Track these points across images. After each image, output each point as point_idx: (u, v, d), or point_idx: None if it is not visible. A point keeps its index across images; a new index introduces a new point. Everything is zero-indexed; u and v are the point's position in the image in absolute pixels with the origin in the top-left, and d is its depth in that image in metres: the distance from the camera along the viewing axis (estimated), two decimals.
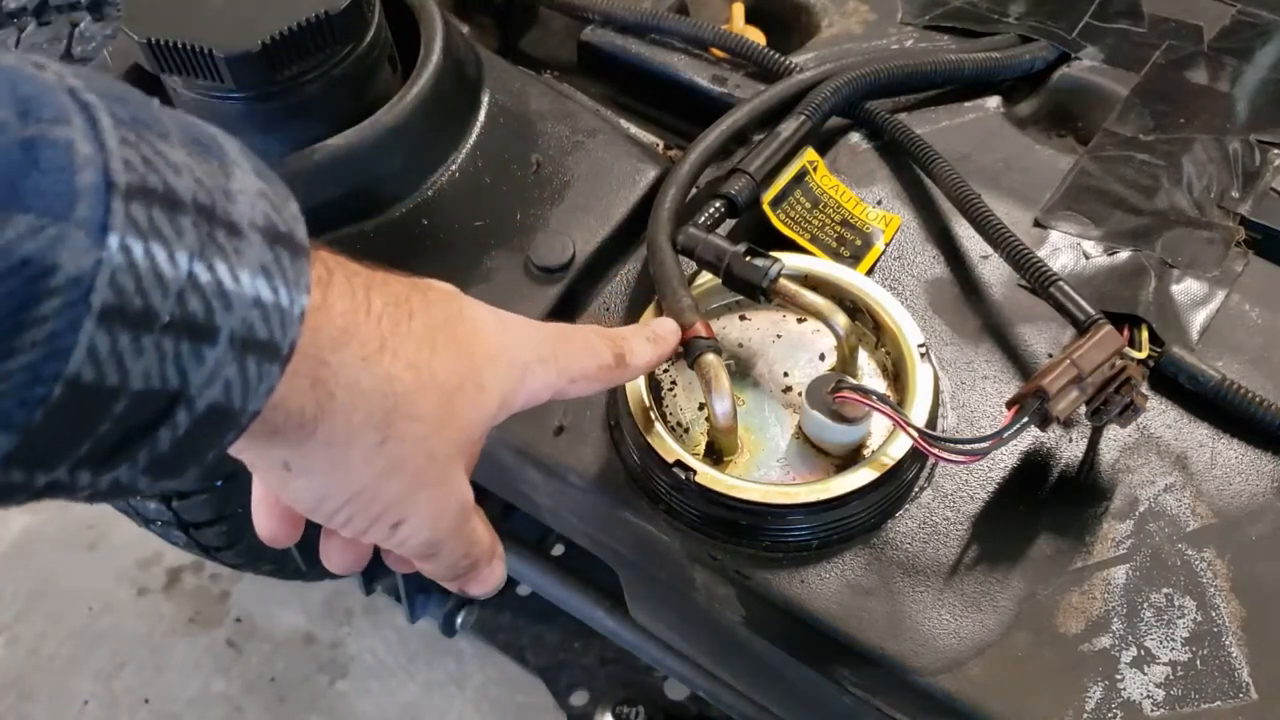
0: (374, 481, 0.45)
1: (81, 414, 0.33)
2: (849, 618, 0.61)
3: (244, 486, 1.22)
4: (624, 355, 0.58)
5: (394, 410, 0.44)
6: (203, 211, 0.35)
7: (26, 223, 0.30)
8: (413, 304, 0.46)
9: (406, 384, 0.44)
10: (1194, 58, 0.87)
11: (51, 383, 0.32)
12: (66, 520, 1.76)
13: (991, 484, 0.65)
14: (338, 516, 0.47)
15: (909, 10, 0.94)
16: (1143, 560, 0.62)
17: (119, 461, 0.36)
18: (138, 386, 0.34)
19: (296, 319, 0.38)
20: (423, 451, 0.46)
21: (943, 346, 0.71)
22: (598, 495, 0.67)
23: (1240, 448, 0.66)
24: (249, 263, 0.36)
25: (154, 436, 0.36)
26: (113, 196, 0.32)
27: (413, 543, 0.49)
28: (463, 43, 0.80)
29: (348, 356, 0.42)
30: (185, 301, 0.34)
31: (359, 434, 0.43)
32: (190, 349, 0.35)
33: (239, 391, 0.37)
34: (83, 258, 0.31)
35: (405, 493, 0.47)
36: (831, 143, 0.82)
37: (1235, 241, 0.74)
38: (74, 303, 0.31)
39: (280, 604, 1.66)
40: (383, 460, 0.45)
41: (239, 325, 0.36)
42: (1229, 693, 0.58)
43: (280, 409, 0.40)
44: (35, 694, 1.59)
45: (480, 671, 1.57)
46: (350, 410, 0.42)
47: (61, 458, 0.34)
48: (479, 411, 0.49)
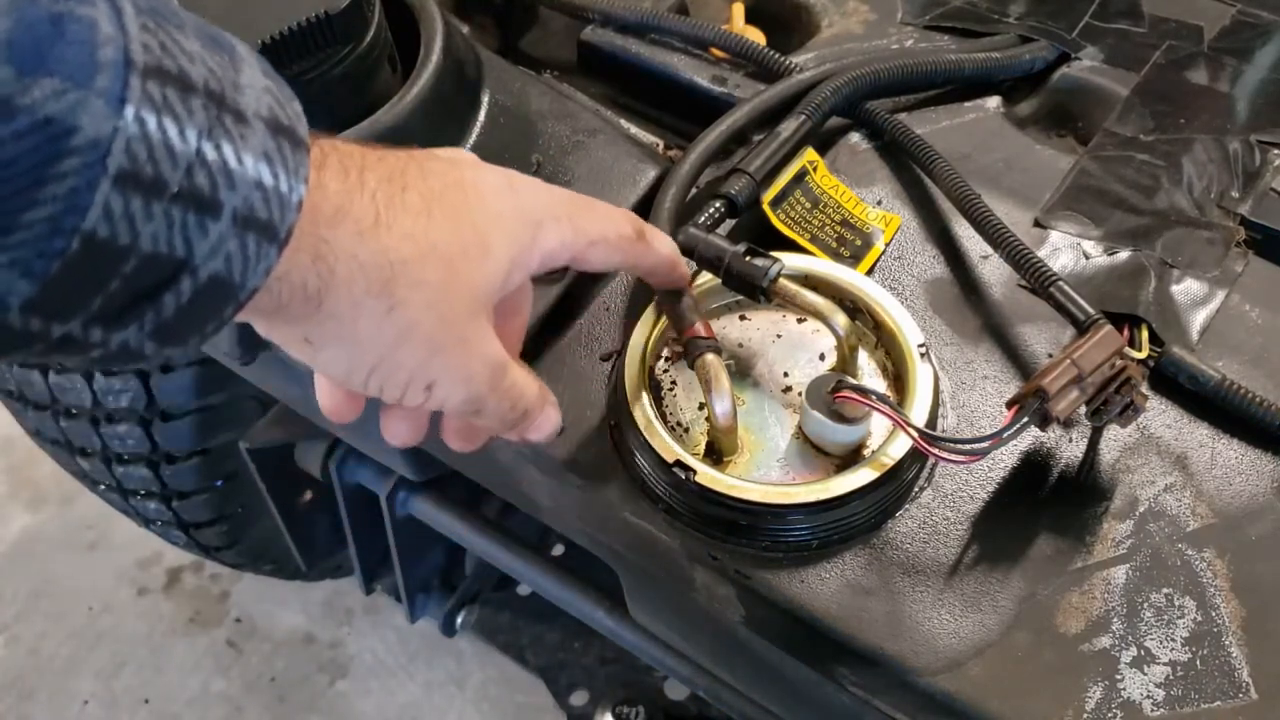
0: (390, 349, 0.48)
1: (95, 269, 0.36)
2: (849, 618, 0.61)
3: (244, 486, 1.23)
4: (644, 231, 0.60)
5: (394, 279, 0.46)
6: (212, 97, 0.38)
7: (52, 85, 0.34)
8: (408, 177, 0.48)
9: (404, 254, 0.46)
10: (1194, 58, 0.87)
11: (70, 235, 0.35)
12: (66, 520, 1.76)
13: (991, 484, 0.65)
14: (370, 385, 0.50)
15: (909, 10, 0.94)
16: (1143, 560, 0.62)
17: (128, 321, 0.39)
18: (147, 249, 0.37)
19: (294, 206, 0.41)
20: (432, 317, 0.48)
21: (943, 346, 0.71)
22: (598, 495, 0.67)
23: (1240, 448, 0.66)
24: (253, 148, 0.39)
25: (160, 301, 0.39)
26: (130, 72, 0.35)
27: (453, 402, 0.52)
28: (463, 43, 0.80)
29: (343, 233, 0.44)
30: (193, 175, 0.37)
31: (363, 304, 0.46)
32: (196, 220, 0.38)
33: (239, 267, 0.40)
34: (101, 123, 0.35)
35: (425, 357, 0.49)
36: (831, 143, 0.82)
37: (1235, 241, 0.74)
38: (92, 164, 0.35)
39: (280, 604, 1.66)
40: (392, 328, 0.47)
41: (241, 204, 0.39)
42: (1229, 693, 0.58)
43: (285, 283, 0.43)
44: (35, 694, 1.59)
45: (480, 671, 1.57)
46: (351, 282, 0.45)
47: (75, 311, 0.37)
48: (485, 273, 0.51)
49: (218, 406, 1.13)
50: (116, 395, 1.08)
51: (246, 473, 1.16)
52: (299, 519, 1.26)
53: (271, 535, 1.30)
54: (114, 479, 1.18)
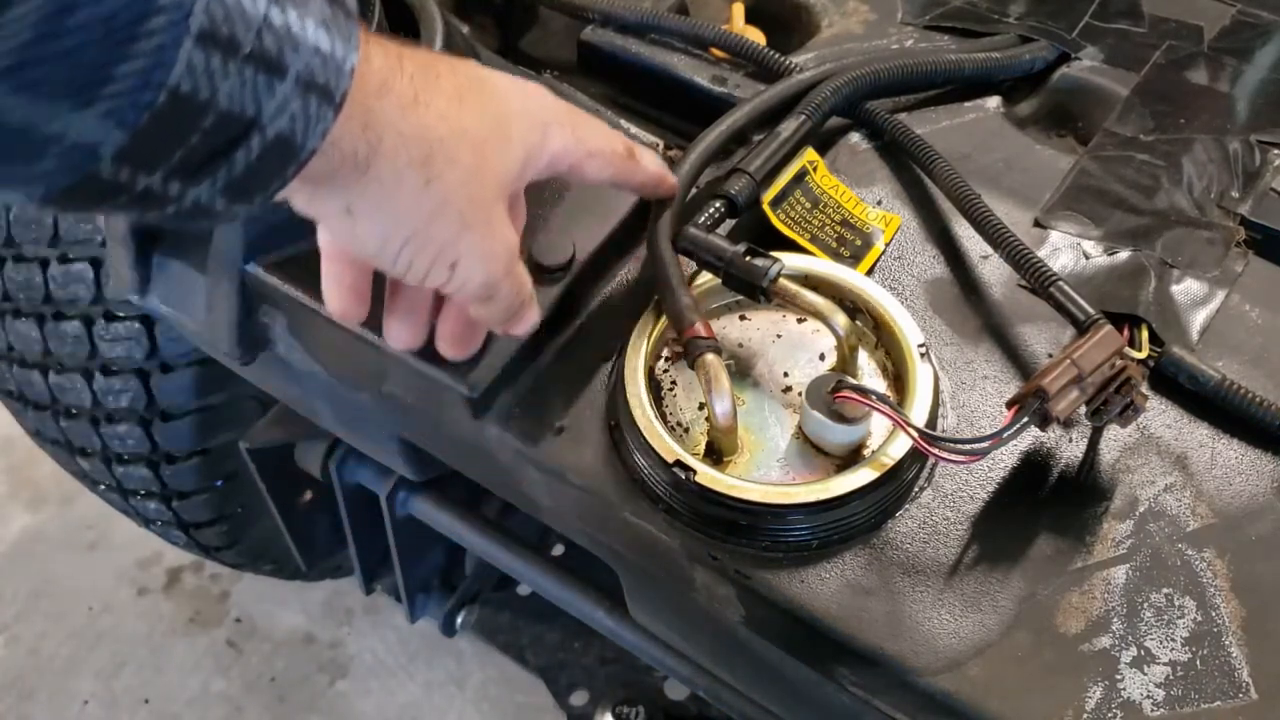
0: (425, 222, 0.52)
1: (179, 123, 0.41)
2: (849, 618, 0.61)
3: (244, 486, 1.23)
4: (633, 149, 0.64)
5: (432, 154, 0.50)
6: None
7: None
8: (439, 68, 0.52)
9: (440, 132, 0.50)
10: (1194, 58, 0.87)
11: (158, 89, 0.39)
12: (66, 520, 1.76)
13: (991, 484, 0.65)
14: (400, 259, 0.53)
15: (909, 10, 0.94)
16: (1143, 560, 0.62)
17: (203, 177, 0.43)
18: (223, 105, 0.41)
19: (348, 72, 0.45)
20: (464, 195, 0.52)
21: (943, 346, 0.71)
22: (598, 495, 0.67)
23: (1240, 448, 0.66)
24: (313, 15, 0.43)
25: (232, 157, 0.43)
26: None
27: (471, 284, 0.56)
28: (463, 43, 0.80)
29: (388, 105, 0.48)
30: (262, 37, 0.41)
31: (405, 174, 0.49)
32: (264, 80, 0.42)
33: (301, 127, 0.44)
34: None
35: (455, 233, 0.53)
36: (831, 143, 0.82)
37: (1235, 241, 0.74)
38: (177, 22, 0.39)
39: (280, 604, 1.66)
40: (429, 200, 0.51)
41: (303, 68, 0.43)
42: (1229, 693, 0.58)
43: (337, 149, 0.47)
44: (35, 694, 1.59)
45: (480, 671, 1.57)
46: (396, 152, 0.49)
47: (159, 162, 0.41)
48: (507, 161, 0.55)
49: (218, 406, 1.13)
50: (116, 395, 1.08)
51: (246, 473, 1.16)
52: (299, 519, 1.26)
53: (271, 535, 1.30)
54: (114, 479, 1.18)
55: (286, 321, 0.76)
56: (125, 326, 1.05)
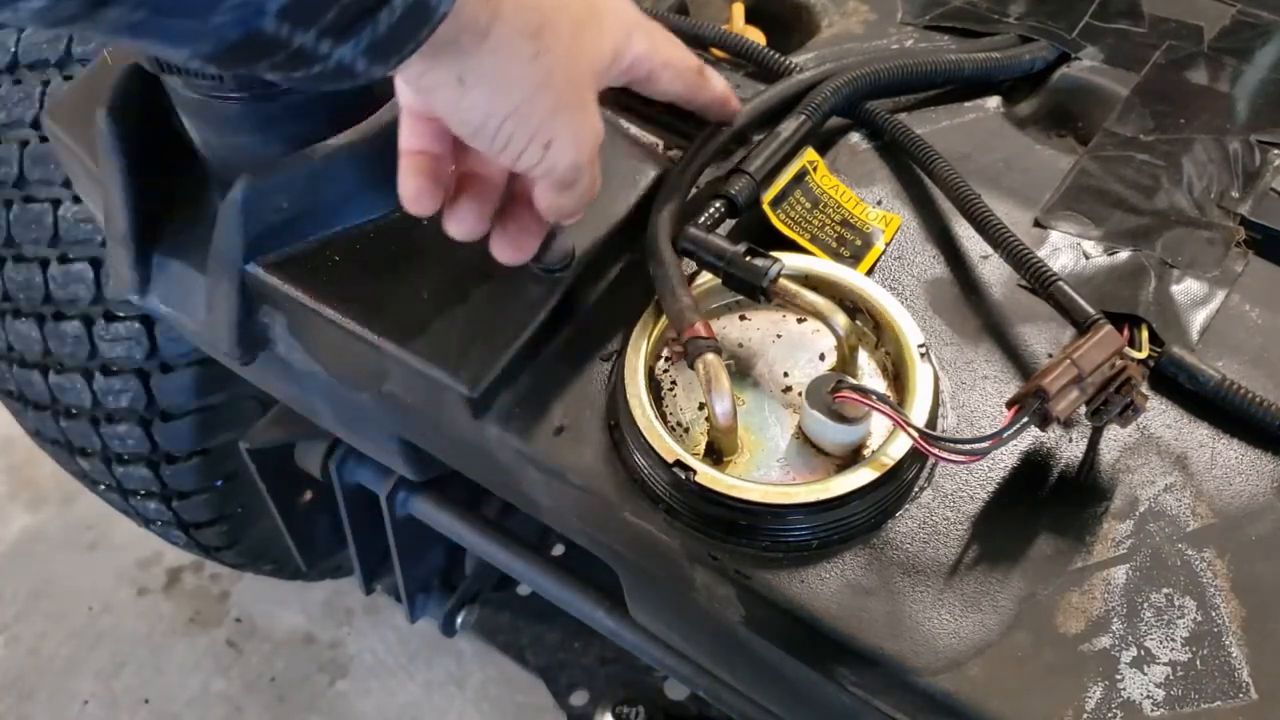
0: (530, 95, 0.54)
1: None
2: (849, 618, 0.61)
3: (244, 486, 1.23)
4: (704, 68, 0.68)
5: (543, 26, 0.53)
6: None
7: None
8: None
9: (547, 6, 0.53)
10: (1194, 58, 0.88)
11: None
12: (66, 520, 1.76)
13: (991, 484, 0.65)
14: (501, 133, 0.55)
15: (909, 10, 0.94)
16: (1143, 560, 0.62)
17: (350, 36, 0.46)
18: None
19: None
20: (564, 73, 0.55)
21: (943, 346, 0.71)
22: (598, 495, 0.67)
23: (1240, 448, 0.66)
24: None
25: (376, 17, 0.46)
26: None
27: (561, 166, 0.58)
28: None
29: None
30: None
31: (519, 44, 0.52)
32: None
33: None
34: None
35: (553, 110, 0.55)
36: (831, 143, 0.82)
37: (1235, 241, 0.74)
38: None
39: (280, 604, 1.66)
40: (536, 73, 0.53)
41: None
42: (1229, 693, 0.58)
43: (463, 14, 0.49)
44: (35, 694, 1.59)
45: (480, 671, 1.57)
46: (513, 20, 0.52)
47: (315, 20, 0.44)
48: (599, 48, 0.58)
49: (218, 406, 1.13)
50: (116, 395, 1.08)
51: (246, 473, 1.16)
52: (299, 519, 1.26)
53: (271, 535, 1.30)
54: (114, 479, 1.18)
55: (286, 321, 0.76)
56: (125, 326, 1.05)
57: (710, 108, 0.71)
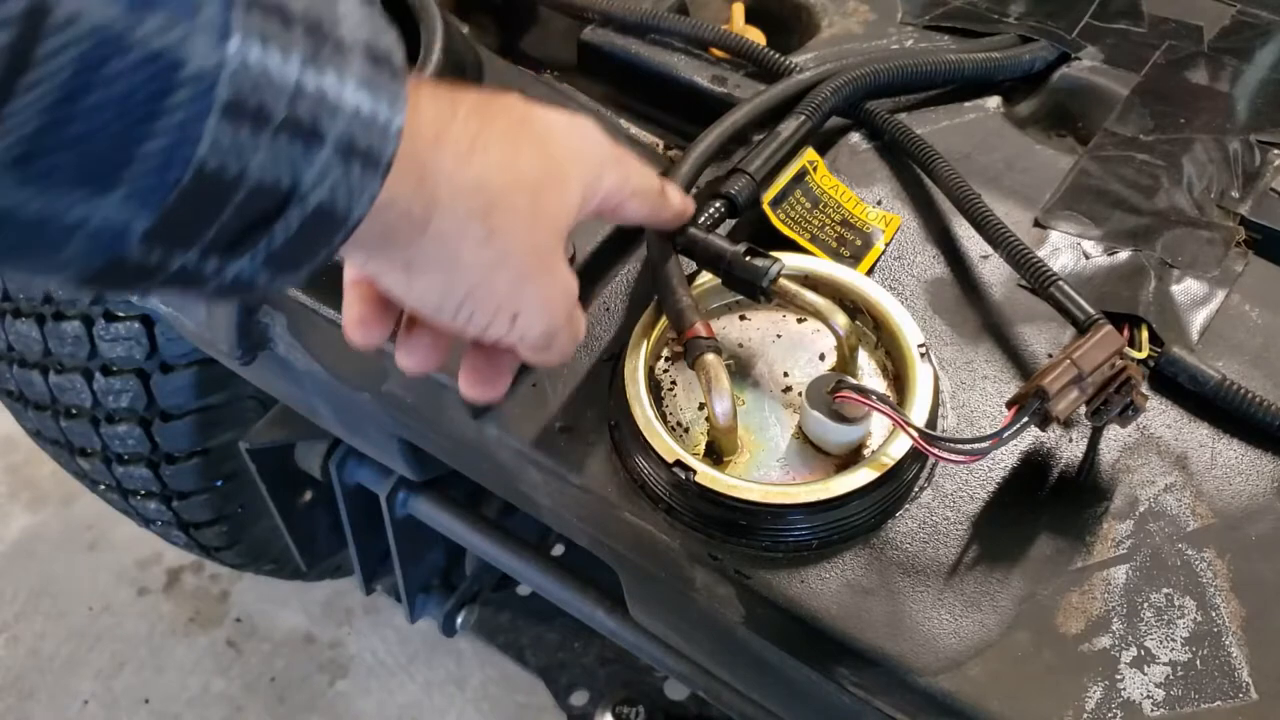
0: (487, 275, 0.50)
1: (208, 199, 0.38)
2: (849, 618, 0.61)
3: (244, 486, 1.23)
4: (665, 186, 0.63)
5: (492, 204, 0.48)
6: (312, 26, 0.39)
7: (159, 20, 0.35)
8: (493, 109, 0.50)
9: (498, 181, 0.48)
10: (1194, 58, 0.88)
11: (183, 167, 0.36)
12: (66, 520, 1.76)
13: (991, 484, 0.65)
14: (461, 313, 0.51)
15: (909, 10, 0.94)
16: (1143, 560, 0.62)
17: (241, 251, 0.40)
18: (254, 179, 0.38)
19: (394, 134, 0.42)
20: (524, 245, 0.50)
21: (943, 346, 0.71)
22: (598, 495, 0.67)
23: (1240, 448, 0.66)
24: (352, 76, 0.40)
25: (271, 230, 0.40)
26: (233, 5, 0.36)
27: (533, 334, 0.54)
28: (463, 43, 0.80)
29: (444, 157, 0.46)
30: (296, 105, 0.38)
31: (466, 228, 0.48)
32: (301, 149, 0.39)
33: (344, 195, 0.41)
34: (208, 55, 0.36)
35: (516, 284, 0.51)
36: (831, 143, 0.82)
37: (1235, 241, 0.74)
38: (200, 95, 0.36)
39: (280, 604, 1.66)
40: (490, 253, 0.49)
41: (343, 133, 0.40)
42: (1229, 693, 0.58)
43: (393, 209, 0.44)
44: (35, 694, 1.59)
45: (480, 671, 1.57)
46: (454, 205, 0.47)
47: (191, 241, 0.39)
48: (564, 204, 0.53)
49: (218, 406, 1.13)
50: (116, 395, 1.09)
51: (246, 473, 1.16)
52: (299, 519, 1.26)
53: (271, 535, 1.30)
54: (114, 479, 1.18)
55: (286, 321, 0.76)
56: (125, 326, 1.05)
57: (669, 224, 0.67)
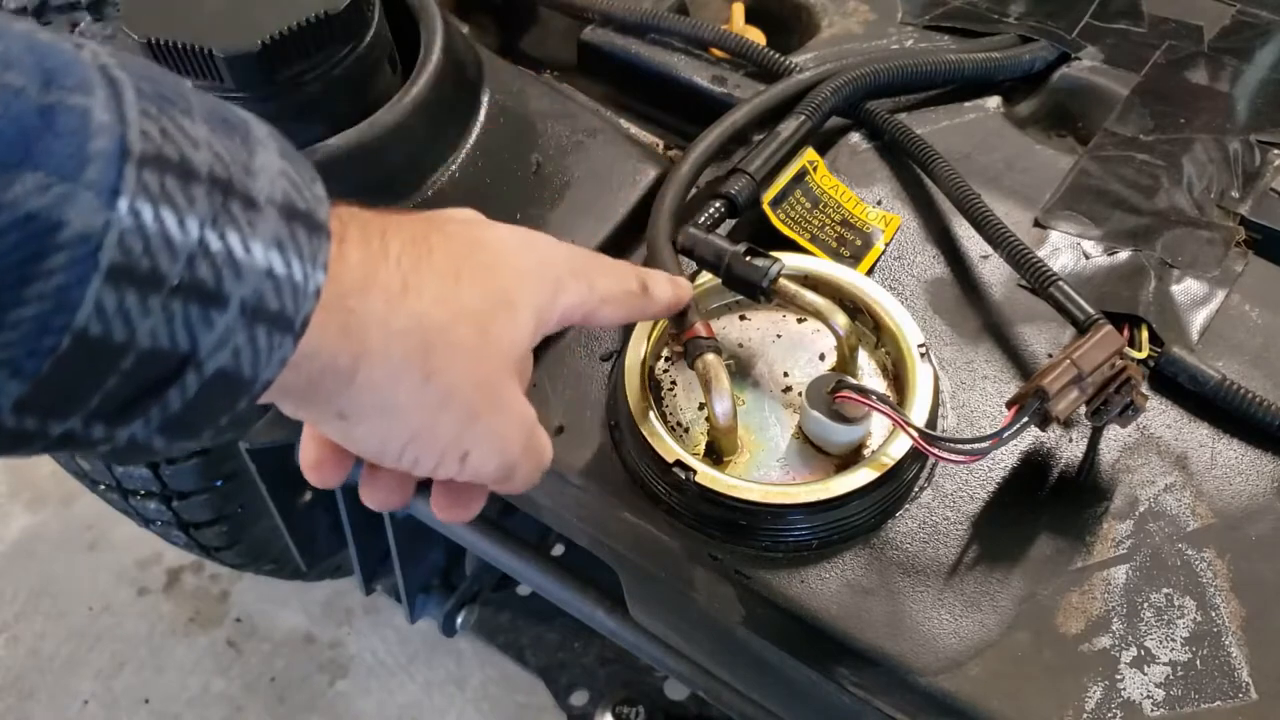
0: (429, 419, 0.46)
1: (89, 367, 0.35)
2: (849, 618, 0.61)
3: (244, 486, 1.23)
4: (647, 285, 0.59)
5: (430, 345, 0.45)
6: (218, 184, 0.36)
7: (35, 180, 0.32)
8: (431, 241, 0.47)
9: (437, 318, 0.45)
10: (1194, 58, 0.88)
11: (60, 334, 0.33)
12: (66, 520, 1.76)
13: (991, 484, 0.65)
14: (405, 458, 0.48)
15: (909, 10, 0.94)
16: (1143, 560, 0.62)
17: (132, 417, 0.37)
18: (145, 345, 0.35)
19: (311, 294, 0.39)
20: (469, 381, 0.47)
21: (943, 346, 0.71)
22: (598, 495, 0.67)
23: (1240, 448, 0.66)
24: (263, 235, 0.37)
25: (164, 395, 0.37)
26: (126, 163, 0.34)
27: (486, 471, 0.50)
28: (463, 43, 0.80)
29: (372, 302, 0.43)
30: (195, 267, 0.35)
31: (401, 372, 0.44)
32: (199, 313, 0.36)
33: (249, 359, 0.38)
34: (92, 217, 0.33)
35: (463, 424, 0.48)
36: (831, 143, 0.82)
37: (1235, 241, 0.74)
38: (81, 259, 0.33)
39: (280, 604, 1.66)
40: (432, 396, 0.46)
41: (250, 295, 0.37)
42: (1229, 693, 0.58)
43: (315, 360, 0.41)
44: (35, 694, 1.59)
45: (480, 671, 1.57)
46: (387, 351, 0.43)
47: (72, 409, 0.36)
48: (515, 331, 0.49)
49: None
50: None
51: (246, 473, 1.15)
52: (299, 519, 1.26)
53: (271, 535, 1.30)
54: (114, 479, 1.18)
55: None
56: None
57: (662, 316, 0.64)
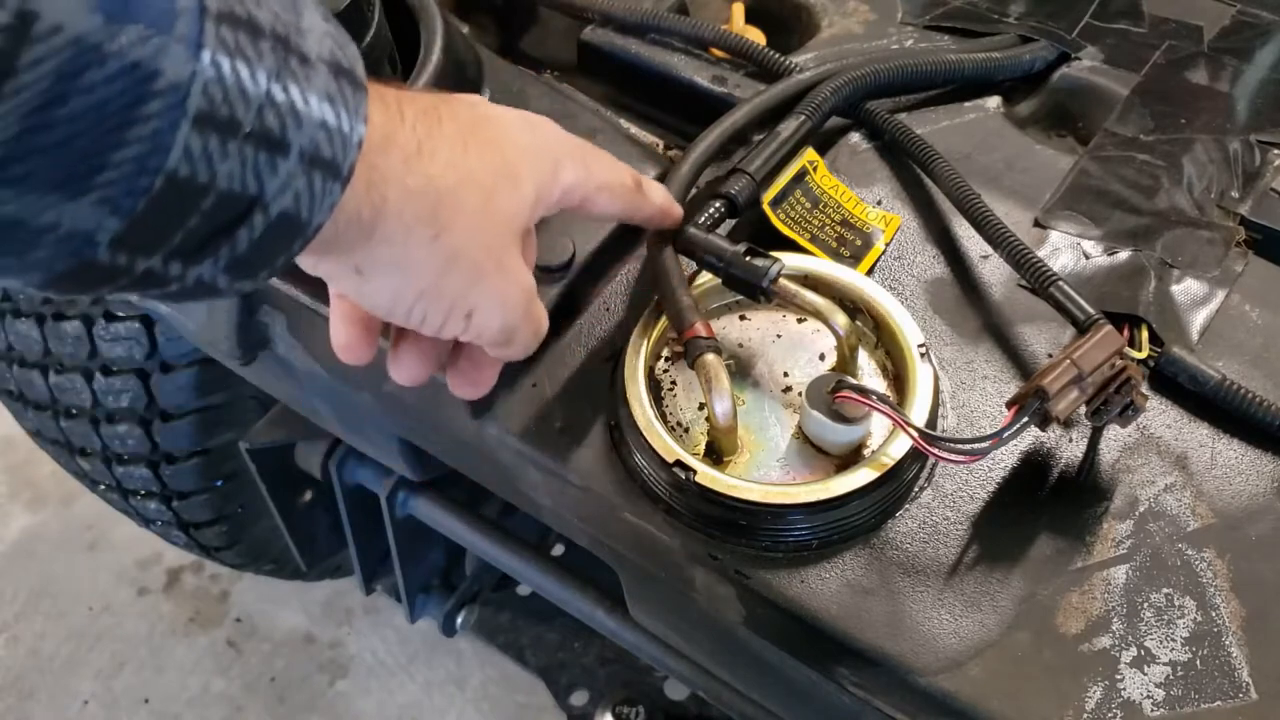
0: (437, 275, 0.50)
1: (177, 206, 0.39)
2: (849, 618, 0.61)
3: (244, 486, 1.23)
4: (641, 183, 0.63)
5: (439, 205, 0.48)
6: (279, 40, 0.40)
7: (137, 32, 0.35)
8: (440, 112, 0.50)
9: (447, 181, 0.49)
10: (1194, 58, 0.88)
11: (154, 175, 0.37)
12: (66, 520, 1.76)
13: (991, 484, 0.65)
14: (414, 314, 0.51)
15: (909, 10, 0.94)
16: (1143, 560, 0.62)
17: (205, 256, 0.41)
18: (223, 186, 0.39)
19: (355, 145, 0.43)
20: (475, 244, 0.51)
21: (943, 346, 0.71)
22: (598, 495, 0.67)
23: (1240, 448, 0.66)
24: (317, 89, 0.41)
25: (234, 236, 0.41)
26: (205, 18, 0.37)
27: (489, 331, 0.54)
28: (463, 43, 0.80)
29: (392, 160, 0.46)
30: (263, 116, 0.39)
31: (413, 230, 0.48)
32: (267, 159, 0.40)
33: (306, 203, 0.42)
34: (181, 67, 0.36)
35: (468, 283, 0.51)
36: (831, 143, 0.82)
37: (1235, 241, 0.74)
38: (174, 105, 0.37)
39: (280, 604, 1.66)
40: (440, 254, 0.49)
41: (308, 143, 0.41)
42: (1229, 693, 0.58)
43: (342, 214, 0.45)
44: (35, 694, 1.59)
45: (480, 671, 1.57)
46: (401, 208, 0.47)
47: (158, 246, 0.40)
48: (518, 202, 0.53)
49: (218, 406, 1.13)
50: (116, 395, 1.08)
51: (246, 473, 1.16)
52: (299, 519, 1.26)
53: (271, 535, 1.30)
54: (114, 479, 1.18)
55: (286, 321, 0.76)
56: (125, 326, 1.05)
57: (651, 221, 0.66)
